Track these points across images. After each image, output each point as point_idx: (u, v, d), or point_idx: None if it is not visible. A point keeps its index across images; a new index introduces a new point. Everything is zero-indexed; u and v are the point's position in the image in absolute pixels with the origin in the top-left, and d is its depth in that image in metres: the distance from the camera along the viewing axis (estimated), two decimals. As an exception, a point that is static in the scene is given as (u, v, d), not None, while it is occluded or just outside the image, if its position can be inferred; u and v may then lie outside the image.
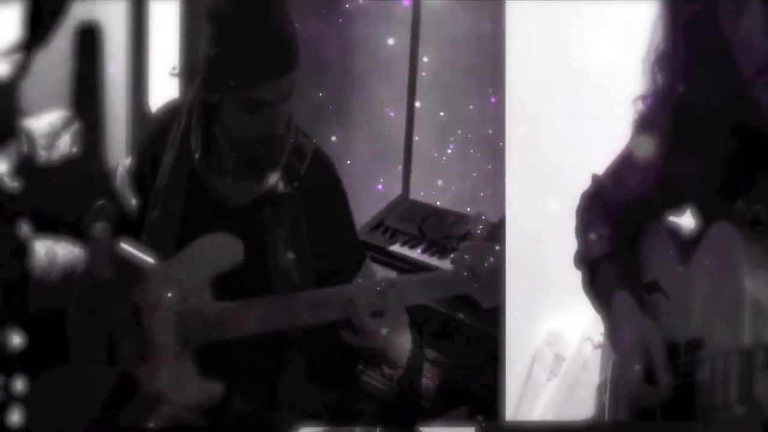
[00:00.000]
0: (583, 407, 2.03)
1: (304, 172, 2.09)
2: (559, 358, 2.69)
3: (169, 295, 2.02)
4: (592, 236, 1.96)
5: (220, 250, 2.02)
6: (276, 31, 1.95)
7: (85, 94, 4.13)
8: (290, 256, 2.05)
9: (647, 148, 1.84)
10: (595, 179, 2.00)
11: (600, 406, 1.94)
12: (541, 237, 2.50)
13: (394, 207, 3.32)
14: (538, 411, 2.67)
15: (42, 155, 3.79)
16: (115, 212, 2.17)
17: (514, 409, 2.60)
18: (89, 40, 4.13)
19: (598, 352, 2.01)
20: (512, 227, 2.11)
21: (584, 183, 2.02)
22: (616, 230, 1.97)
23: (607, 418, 1.91)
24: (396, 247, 3.11)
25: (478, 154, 3.05)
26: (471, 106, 3.08)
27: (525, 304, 2.52)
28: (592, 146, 2.03)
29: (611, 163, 2.00)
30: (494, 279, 1.92)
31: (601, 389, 1.95)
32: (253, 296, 2.00)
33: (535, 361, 2.72)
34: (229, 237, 2.01)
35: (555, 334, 2.70)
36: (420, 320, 2.83)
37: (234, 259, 2.00)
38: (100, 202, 2.17)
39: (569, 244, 2.00)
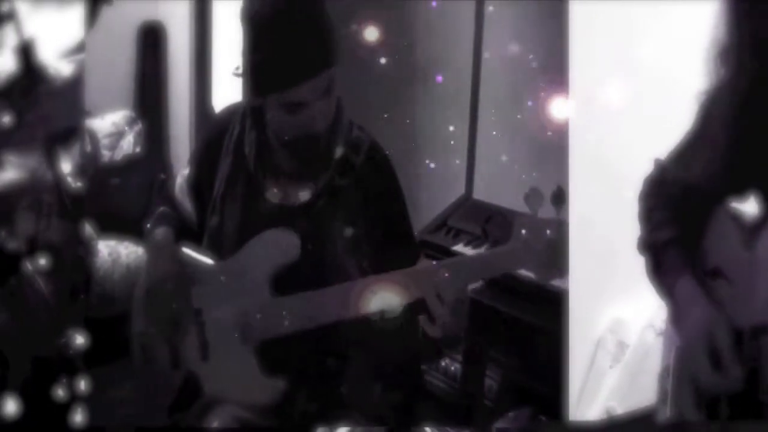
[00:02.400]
0: (646, 394, 1.96)
1: (359, 165, 2.07)
2: (622, 345, 2.65)
3: (230, 295, 2.01)
4: (656, 221, 1.94)
5: (277, 245, 2.01)
6: (306, 30, 1.92)
7: (149, 95, 4.16)
8: (346, 249, 2.04)
9: (711, 136, 1.84)
10: (658, 164, 1.98)
11: (662, 393, 1.89)
12: (604, 224, 2.47)
13: (457, 207, 3.30)
14: (601, 398, 2.63)
15: (105, 155, 3.83)
16: (176, 218, 2.17)
17: (577, 396, 2.58)
18: (153, 40, 4.15)
19: (661, 339, 1.97)
20: (576, 215, 2.08)
21: (648, 170, 1.99)
22: (680, 215, 1.94)
23: (669, 406, 1.86)
24: (459, 247, 3.08)
25: (539, 153, 3.02)
26: (531, 104, 3.05)
27: (588, 291, 2.50)
28: (656, 136, 2.00)
29: (674, 149, 1.96)
30: (552, 252, 1.87)
31: (663, 376, 1.90)
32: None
33: (598, 348, 2.68)
34: (286, 232, 2.00)
35: (618, 321, 2.67)
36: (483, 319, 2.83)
37: (291, 254, 1.99)
38: (162, 207, 2.18)
39: (633, 230, 1.96)
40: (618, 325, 2.65)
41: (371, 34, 3.04)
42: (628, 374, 2.62)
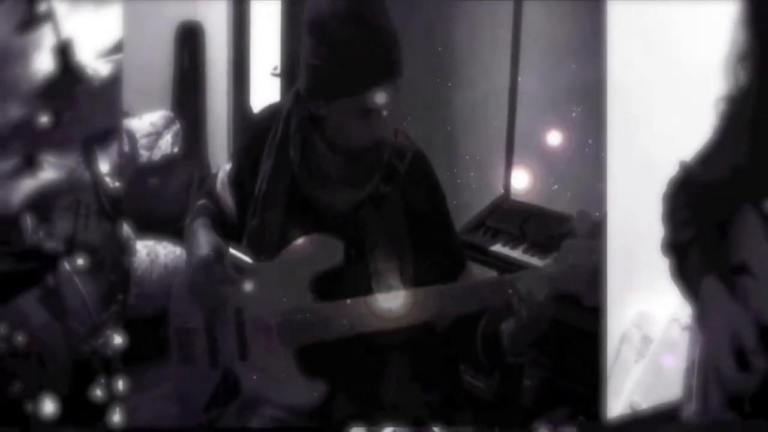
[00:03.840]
0: (671, 390, 1.95)
1: (404, 172, 2.05)
2: (646, 339, 2.64)
3: (271, 296, 2.01)
4: (679, 222, 1.93)
5: (321, 250, 2.00)
6: (383, 36, 1.92)
7: (187, 95, 4.18)
8: (390, 256, 2.02)
9: (733, 138, 1.84)
10: (683, 166, 1.97)
11: (688, 389, 1.87)
12: (630, 219, 2.47)
13: (495, 207, 3.28)
14: (626, 393, 2.63)
15: (143, 155, 3.85)
16: (216, 213, 2.17)
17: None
18: (191, 40, 4.17)
19: (686, 333, 1.97)
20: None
21: (673, 170, 1.97)
22: (704, 215, 1.92)
23: (695, 402, 1.85)
24: (497, 247, 3.06)
25: (579, 156, 3.00)
26: (568, 104, 3.04)
27: (614, 286, 2.49)
28: (686, 137, 2.00)
29: (699, 151, 1.94)
30: (597, 277, 1.86)
31: (688, 372, 1.88)
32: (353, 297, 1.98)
33: (623, 342, 2.68)
34: (329, 237, 1.99)
35: (643, 316, 2.66)
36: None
37: (334, 259, 1.98)
38: (201, 202, 2.17)
39: (657, 226, 1.94)
40: (643, 319, 2.65)
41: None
42: (652, 369, 2.61)
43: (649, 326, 2.63)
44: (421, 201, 2.05)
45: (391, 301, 1.92)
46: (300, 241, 1.99)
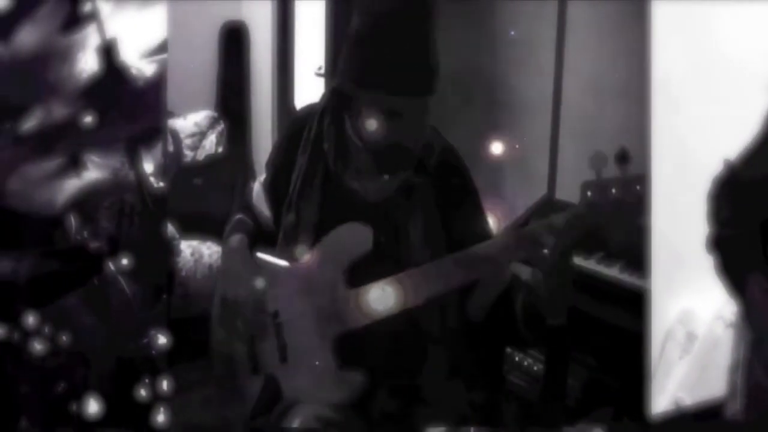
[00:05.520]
0: (715, 386, 2.02)
1: (433, 167, 2.06)
2: (691, 336, 2.63)
3: (305, 292, 2.01)
4: (724, 220, 1.96)
5: (350, 238, 2.00)
6: (429, 49, 1.93)
7: (231, 95, 4.19)
8: (420, 246, 2.02)
9: None
10: (728, 164, 1.98)
11: (732, 386, 1.93)
12: (675, 217, 2.46)
13: (539, 207, 3.28)
14: (670, 390, 2.62)
15: (188, 155, 3.87)
16: (252, 225, 2.18)
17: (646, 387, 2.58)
18: (235, 40, 4.18)
19: (730, 331, 1.96)
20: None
21: (718, 169, 2.00)
22: (748, 213, 1.94)
23: (739, 399, 1.89)
24: (543, 247, 3.07)
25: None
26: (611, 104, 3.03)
27: (658, 282, 2.48)
28: (731, 134, 2.00)
29: (744, 149, 1.97)
30: (619, 212, 1.83)
31: (733, 370, 1.93)
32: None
33: (668, 339, 2.66)
34: (357, 224, 1.99)
35: (688, 313, 2.64)
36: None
37: (364, 245, 1.98)
38: (238, 216, 2.19)
39: (702, 224, 1.98)
40: (687, 316, 2.64)
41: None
42: (697, 366, 2.60)
43: (694, 323, 2.62)
44: (451, 193, 2.06)
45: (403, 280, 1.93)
46: (330, 234, 1.99)
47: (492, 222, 2.21)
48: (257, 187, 2.20)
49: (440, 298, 1.96)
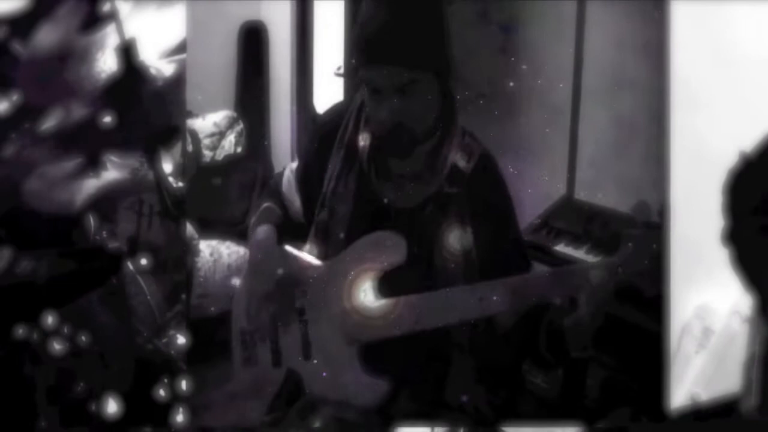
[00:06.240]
0: (732, 381, 2.01)
1: (470, 172, 2.04)
2: (707, 331, 2.62)
3: (334, 295, 2.00)
4: (739, 213, 1.95)
5: (384, 247, 1.99)
6: (409, 21, 1.90)
7: (250, 95, 4.19)
8: (454, 257, 2.01)
9: None
10: (743, 157, 1.98)
11: (748, 381, 1.93)
12: (691, 210, 2.45)
13: (558, 207, 3.27)
14: (686, 384, 2.61)
15: (207, 155, 3.87)
16: (281, 215, 2.17)
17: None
18: (254, 40, 4.18)
19: (747, 325, 1.96)
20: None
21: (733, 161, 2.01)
22: (764, 206, 1.94)
23: (755, 394, 1.90)
24: (560, 247, 3.05)
25: (640, 155, 2.98)
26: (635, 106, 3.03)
27: (675, 277, 2.47)
28: (750, 132, 2.00)
29: (760, 142, 1.97)
30: (658, 266, 1.83)
31: (749, 365, 1.93)
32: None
33: (684, 333, 2.66)
34: (393, 235, 1.98)
35: (704, 307, 2.64)
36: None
37: (397, 257, 1.97)
38: (266, 204, 2.17)
39: (718, 218, 1.99)
40: (704, 310, 2.63)
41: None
42: (713, 360, 2.59)
43: (710, 318, 2.61)
44: (486, 202, 2.03)
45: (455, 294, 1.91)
46: (363, 239, 1.98)
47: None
48: (288, 173, 2.18)
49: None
